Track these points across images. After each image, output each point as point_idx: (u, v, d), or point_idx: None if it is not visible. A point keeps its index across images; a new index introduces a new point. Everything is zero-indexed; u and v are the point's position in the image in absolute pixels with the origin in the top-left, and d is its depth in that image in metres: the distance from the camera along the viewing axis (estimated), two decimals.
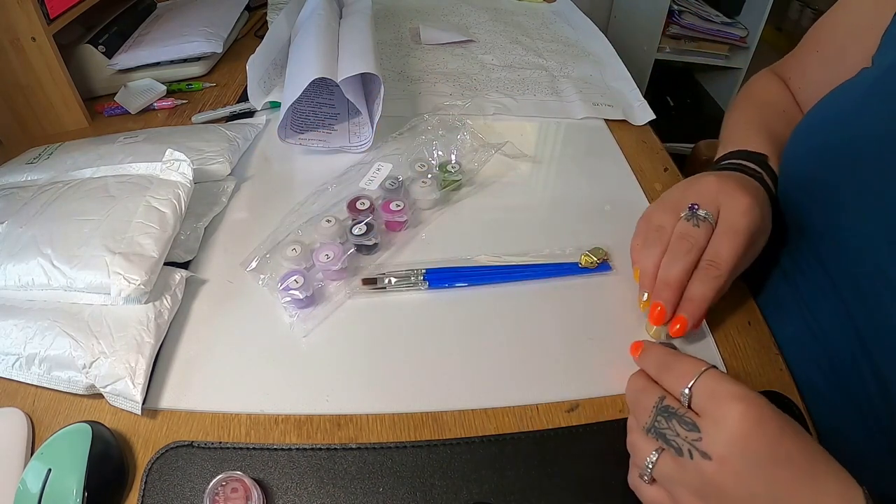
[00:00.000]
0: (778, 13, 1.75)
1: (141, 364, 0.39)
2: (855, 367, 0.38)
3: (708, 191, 0.42)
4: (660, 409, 0.32)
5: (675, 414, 0.31)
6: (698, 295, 0.40)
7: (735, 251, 0.40)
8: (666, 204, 0.44)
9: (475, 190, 0.57)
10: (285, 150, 0.62)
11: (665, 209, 0.44)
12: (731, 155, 0.49)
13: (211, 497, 0.32)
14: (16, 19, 0.59)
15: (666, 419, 0.32)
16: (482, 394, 0.40)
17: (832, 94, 0.44)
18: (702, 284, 0.40)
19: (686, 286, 0.40)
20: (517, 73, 0.78)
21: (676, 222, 0.42)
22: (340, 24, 0.71)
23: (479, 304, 0.46)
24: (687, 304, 0.40)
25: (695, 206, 0.42)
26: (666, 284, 0.40)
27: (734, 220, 0.40)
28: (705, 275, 0.40)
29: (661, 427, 0.32)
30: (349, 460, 0.36)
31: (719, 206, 0.41)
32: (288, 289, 0.44)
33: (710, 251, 0.40)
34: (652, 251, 0.42)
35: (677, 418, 0.31)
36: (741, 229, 0.40)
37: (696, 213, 0.41)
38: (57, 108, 0.66)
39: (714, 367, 0.32)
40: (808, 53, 0.55)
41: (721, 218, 0.41)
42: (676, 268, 0.40)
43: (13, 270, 0.43)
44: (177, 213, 0.47)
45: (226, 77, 0.78)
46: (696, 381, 0.31)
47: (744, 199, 0.41)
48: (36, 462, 0.34)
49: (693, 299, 0.40)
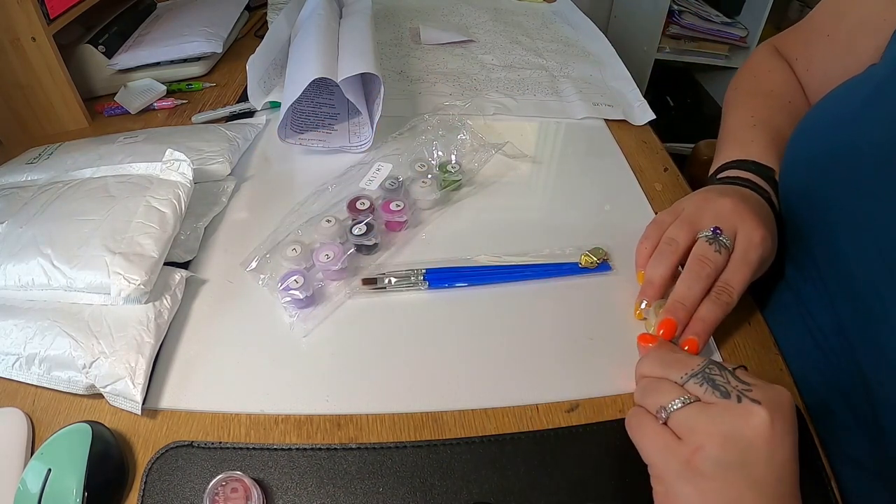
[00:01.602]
0: (778, 13, 1.74)
1: (141, 364, 0.39)
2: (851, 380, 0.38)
3: (726, 214, 0.42)
4: (707, 366, 0.33)
5: (725, 369, 0.33)
6: (710, 317, 0.40)
7: (746, 280, 0.41)
8: (682, 218, 0.44)
9: (475, 190, 0.57)
10: (285, 150, 0.62)
11: (680, 224, 0.43)
12: (740, 164, 0.49)
13: (211, 497, 0.32)
14: (16, 19, 0.59)
15: (719, 369, 0.33)
16: (482, 394, 0.40)
17: (835, 92, 0.43)
18: (715, 307, 0.40)
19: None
20: (517, 73, 0.78)
21: (689, 238, 0.42)
22: (340, 24, 0.71)
23: (479, 304, 0.46)
24: (698, 323, 0.40)
25: (718, 230, 0.42)
26: (682, 304, 0.40)
27: (748, 251, 0.41)
28: (717, 298, 0.40)
29: (713, 373, 0.32)
30: (349, 460, 0.36)
31: (736, 231, 0.42)
32: (288, 289, 0.44)
33: (724, 277, 0.41)
34: (662, 264, 0.43)
35: (729, 372, 0.32)
36: (754, 260, 0.41)
37: (719, 238, 0.41)
38: (57, 108, 0.66)
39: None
40: (818, 38, 0.54)
41: (737, 246, 0.41)
42: (696, 289, 0.40)
43: (13, 270, 0.43)
44: (177, 213, 0.47)
45: (226, 77, 0.78)
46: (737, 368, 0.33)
47: (759, 231, 0.41)
48: (36, 462, 0.34)
49: (704, 320, 0.40)
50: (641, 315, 0.44)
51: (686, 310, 0.40)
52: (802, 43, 0.56)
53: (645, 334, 0.41)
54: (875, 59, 0.43)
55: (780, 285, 0.47)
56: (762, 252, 0.41)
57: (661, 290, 0.43)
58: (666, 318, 0.40)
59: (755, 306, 0.47)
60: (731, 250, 0.41)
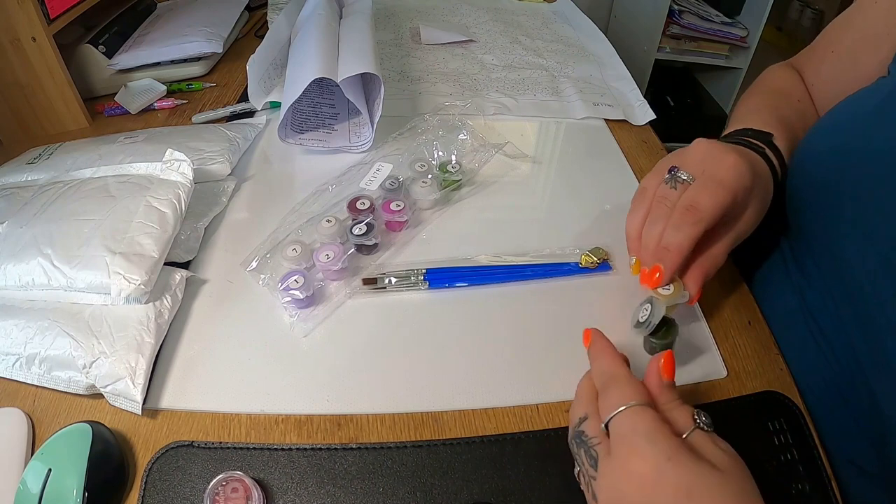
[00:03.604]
0: (778, 13, 1.75)
1: (141, 364, 0.39)
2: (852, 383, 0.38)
3: (694, 155, 0.41)
4: (576, 433, 0.32)
5: (584, 443, 0.31)
6: (673, 242, 0.38)
7: (716, 200, 0.38)
8: (654, 170, 0.44)
9: (475, 190, 0.58)
10: (285, 150, 0.62)
11: (652, 175, 0.43)
12: (736, 133, 0.48)
13: (211, 497, 0.32)
14: (16, 19, 0.59)
15: (577, 445, 0.31)
16: (482, 394, 0.40)
17: (849, 99, 0.43)
18: (676, 231, 0.38)
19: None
20: (517, 73, 0.78)
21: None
22: (340, 24, 0.71)
23: (479, 304, 0.46)
24: (660, 251, 0.38)
25: (674, 168, 0.41)
26: (646, 249, 0.39)
27: (716, 173, 0.39)
28: (680, 220, 0.38)
29: (574, 451, 0.32)
30: (349, 460, 0.36)
31: (704, 170, 0.40)
32: (288, 289, 0.44)
33: (686, 198, 0.39)
34: (635, 215, 0.42)
35: (585, 449, 0.31)
36: (723, 180, 0.38)
37: (676, 174, 0.40)
38: (57, 108, 0.66)
39: (644, 406, 0.29)
40: (824, 51, 0.54)
41: (703, 173, 0.40)
42: (655, 230, 0.39)
43: (13, 270, 0.43)
44: (177, 213, 0.47)
45: (226, 77, 0.78)
46: (616, 415, 0.29)
47: (729, 157, 0.39)
48: (36, 462, 0.34)
49: (668, 247, 0.38)
50: (636, 270, 0.43)
51: (649, 252, 0.39)
52: (811, 57, 0.56)
53: (585, 331, 0.37)
54: (881, 72, 0.43)
55: (782, 287, 0.47)
56: (734, 175, 0.39)
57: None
58: (641, 270, 0.40)
59: (755, 306, 0.47)
60: (693, 182, 0.40)
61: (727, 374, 0.42)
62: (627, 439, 0.28)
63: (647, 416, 0.29)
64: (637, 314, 0.41)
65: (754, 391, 0.40)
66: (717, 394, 0.40)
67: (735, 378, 0.41)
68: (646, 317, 0.39)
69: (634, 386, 0.31)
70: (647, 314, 0.40)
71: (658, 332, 0.40)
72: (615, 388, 0.31)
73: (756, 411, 0.39)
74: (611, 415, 0.29)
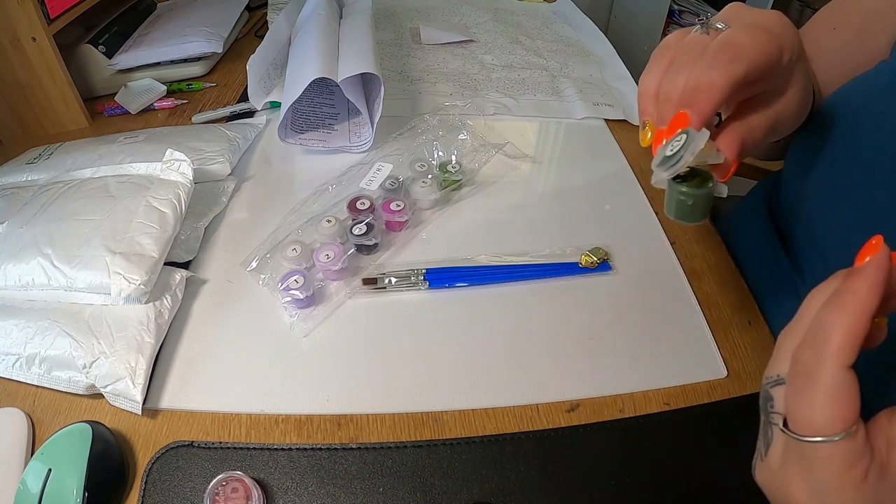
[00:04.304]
0: None
1: (141, 364, 0.39)
2: None
3: (728, 10, 0.33)
4: (765, 394, 0.26)
5: (768, 413, 0.26)
6: (705, 81, 0.29)
7: (758, 41, 0.30)
8: (679, 30, 0.35)
9: (475, 190, 0.57)
10: (285, 150, 0.62)
11: (678, 32, 0.35)
12: None
13: (211, 497, 0.32)
14: (16, 19, 0.59)
15: (762, 402, 0.26)
16: (482, 394, 0.40)
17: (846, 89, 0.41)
18: (709, 69, 0.29)
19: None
20: (517, 73, 0.78)
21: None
22: (340, 24, 0.71)
23: (479, 304, 0.46)
24: (691, 94, 0.29)
25: (705, 17, 0.33)
26: (667, 100, 0.31)
27: (757, 19, 0.32)
28: (714, 58, 0.29)
29: (760, 405, 0.27)
30: (349, 460, 0.36)
31: (743, 17, 0.32)
32: (288, 289, 0.44)
33: (721, 37, 0.31)
34: (653, 69, 0.33)
35: (766, 417, 0.26)
36: (767, 25, 0.31)
37: (709, 22, 0.32)
38: (57, 108, 0.66)
39: (849, 442, 0.22)
40: (825, 29, 0.51)
41: (743, 21, 0.32)
42: (679, 79, 0.30)
43: (13, 270, 0.43)
44: (177, 213, 0.47)
45: (226, 77, 0.78)
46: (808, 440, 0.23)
47: (772, 12, 0.32)
48: (36, 462, 0.34)
49: (698, 88, 0.29)
50: (647, 140, 0.34)
51: (672, 104, 0.31)
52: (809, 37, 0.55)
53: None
54: (884, 54, 0.41)
55: (782, 287, 0.47)
56: (779, 23, 0.31)
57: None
58: (657, 131, 0.31)
59: (755, 306, 0.47)
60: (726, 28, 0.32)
61: (727, 374, 0.42)
62: (805, 463, 0.23)
63: (843, 463, 0.21)
64: (664, 150, 0.31)
65: (754, 391, 0.40)
66: (717, 394, 0.40)
67: (735, 378, 0.42)
68: (677, 149, 0.29)
69: (851, 404, 0.22)
70: (678, 145, 0.29)
71: (690, 179, 0.31)
72: (819, 393, 0.22)
73: (756, 411, 0.39)
74: (804, 438, 0.22)
